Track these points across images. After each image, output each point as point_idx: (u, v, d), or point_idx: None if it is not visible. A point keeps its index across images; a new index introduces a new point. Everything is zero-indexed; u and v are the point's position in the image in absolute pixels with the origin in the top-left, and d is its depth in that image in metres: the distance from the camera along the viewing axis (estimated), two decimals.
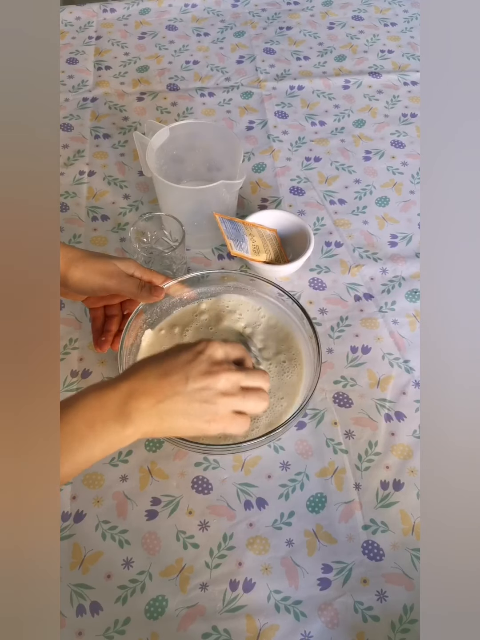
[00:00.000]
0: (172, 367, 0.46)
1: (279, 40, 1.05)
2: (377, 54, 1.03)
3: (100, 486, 0.58)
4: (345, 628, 0.52)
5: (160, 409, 0.44)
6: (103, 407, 0.43)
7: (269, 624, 0.52)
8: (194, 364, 0.46)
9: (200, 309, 0.66)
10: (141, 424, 0.44)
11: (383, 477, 0.59)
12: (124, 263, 0.59)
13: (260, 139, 0.90)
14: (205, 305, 0.67)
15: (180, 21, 1.09)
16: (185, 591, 0.53)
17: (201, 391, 0.45)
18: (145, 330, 0.64)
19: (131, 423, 0.43)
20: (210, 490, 0.58)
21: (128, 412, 0.43)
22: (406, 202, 0.82)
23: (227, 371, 0.46)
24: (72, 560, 0.54)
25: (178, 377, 0.45)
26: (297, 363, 0.62)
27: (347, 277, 0.74)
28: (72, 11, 1.08)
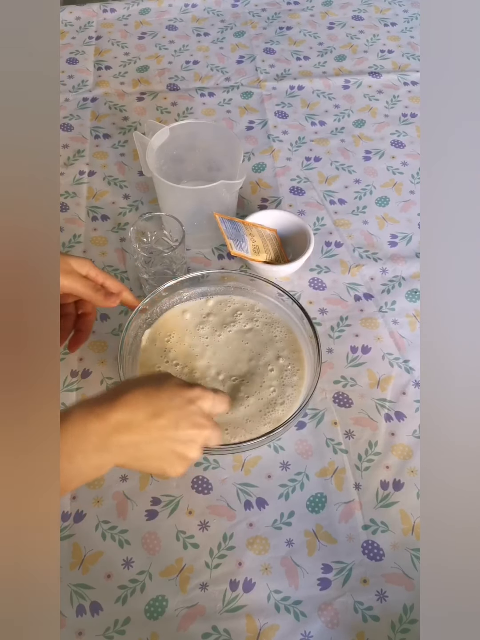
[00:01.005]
0: (163, 409, 0.45)
1: (279, 40, 1.05)
2: (377, 54, 1.03)
3: (100, 486, 0.58)
4: (345, 628, 0.52)
5: (140, 449, 0.45)
6: (86, 438, 0.42)
7: (269, 624, 0.52)
8: (185, 413, 0.46)
9: (205, 309, 0.66)
10: (118, 457, 0.44)
11: (383, 477, 0.59)
12: (78, 262, 0.58)
13: (260, 139, 0.90)
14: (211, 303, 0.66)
15: (180, 21, 1.09)
16: (185, 591, 0.53)
17: (184, 443, 0.46)
18: (145, 330, 0.64)
19: (109, 454, 0.44)
20: (210, 490, 0.58)
21: (110, 445, 0.43)
22: (406, 202, 0.82)
23: (210, 428, 0.48)
24: (72, 560, 0.54)
25: (167, 423, 0.45)
26: (297, 363, 0.62)
27: (347, 277, 0.74)
28: (72, 11, 1.08)
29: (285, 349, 0.63)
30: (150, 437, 0.45)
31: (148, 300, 0.62)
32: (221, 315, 0.66)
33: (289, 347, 0.64)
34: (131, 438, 0.44)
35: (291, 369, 0.62)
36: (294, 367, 0.62)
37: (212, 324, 0.65)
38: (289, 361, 0.62)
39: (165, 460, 0.47)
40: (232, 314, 0.66)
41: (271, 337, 0.64)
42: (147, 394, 0.46)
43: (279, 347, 0.63)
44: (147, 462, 0.46)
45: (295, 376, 0.61)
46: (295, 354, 0.63)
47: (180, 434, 0.46)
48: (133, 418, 0.44)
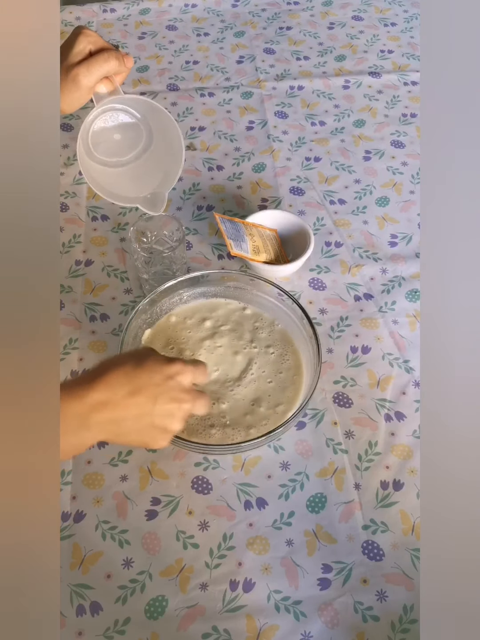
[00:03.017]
0: (142, 386, 0.46)
1: (279, 40, 1.05)
2: (377, 54, 1.03)
3: (100, 486, 0.58)
4: (345, 628, 0.51)
5: (120, 425, 0.46)
6: (66, 420, 0.43)
7: (269, 624, 0.52)
8: (163, 389, 0.47)
9: None
10: (98, 434, 0.45)
11: (383, 477, 0.59)
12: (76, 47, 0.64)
13: (260, 139, 0.90)
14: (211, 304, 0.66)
15: (180, 21, 1.09)
16: (185, 591, 0.53)
17: (163, 417, 0.47)
18: (145, 330, 0.64)
19: (89, 432, 0.45)
20: (210, 490, 0.58)
21: (89, 423, 0.44)
22: (406, 202, 0.82)
23: (191, 401, 0.49)
24: (72, 560, 0.54)
25: (146, 399, 0.46)
26: (297, 363, 0.62)
27: (347, 277, 0.74)
28: (72, 11, 1.08)
29: (285, 349, 0.63)
30: (128, 414, 0.46)
31: (148, 300, 0.62)
32: (222, 316, 0.66)
33: (288, 347, 0.63)
34: (110, 415, 0.45)
35: (291, 369, 0.62)
36: (293, 367, 0.62)
37: (212, 324, 0.65)
38: (289, 361, 0.62)
39: (145, 435, 0.48)
40: (233, 315, 0.66)
41: (271, 338, 0.64)
42: (127, 372, 0.47)
43: (279, 348, 0.63)
44: (128, 437, 0.48)
45: (295, 376, 0.61)
46: (295, 354, 0.63)
47: (158, 408, 0.46)
48: (112, 396, 0.45)
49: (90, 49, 0.65)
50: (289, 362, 0.63)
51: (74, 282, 0.73)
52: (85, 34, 0.65)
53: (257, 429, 0.58)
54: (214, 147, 0.88)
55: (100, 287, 0.72)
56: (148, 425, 0.47)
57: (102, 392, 0.45)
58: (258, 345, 0.64)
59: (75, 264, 0.74)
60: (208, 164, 0.86)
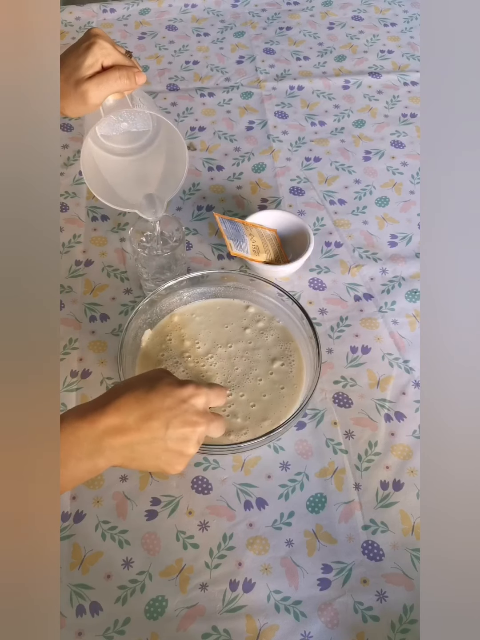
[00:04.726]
0: (155, 411, 0.46)
1: (279, 41, 1.05)
2: (377, 54, 1.03)
3: (100, 486, 0.58)
4: (345, 628, 0.51)
5: (134, 449, 0.45)
6: (79, 444, 0.43)
7: (268, 624, 0.52)
8: (176, 412, 0.46)
9: None
10: (112, 459, 0.45)
11: (383, 477, 0.59)
12: (89, 61, 0.59)
13: (260, 139, 0.90)
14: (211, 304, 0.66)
15: (180, 21, 1.09)
16: (185, 591, 0.53)
17: (177, 441, 0.47)
18: (145, 330, 0.64)
19: (103, 457, 0.44)
20: (210, 491, 0.58)
21: (102, 448, 0.44)
22: (406, 202, 0.82)
23: (206, 424, 0.48)
24: (72, 560, 0.54)
25: (159, 424, 0.46)
26: (297, 363, 0.62)
27: (347, 277, 0.74)
28: (72, 11, 1.08)
29: (284, 349, 0.63)
30: (142, 438, 0.45)
31: (148, 300, 0.62)
32: (222, 316, 0.66)
33: (288, 347, 0.64)
34: (123, 440, 0.44)
35: (291, 370, 0.62)
36: (293, 367, 0.62)
37: (212, 325, 0.65)
38: (289, 361, 0.62)
39: (160, 459, 0.47)
40: (233, 316, 0.66)
41: (271, 338, 0.64)
42: (138, 397, 0.46)
43: (279, 348, 0.63)
44: (143, 462, 0.47)
45: (295, 376, 0.61)
46: (295, 354, 0.63)
47: (171, 432, 0.46)
48: (124, 421, 0.45)
49: (103, 62, 0.63)
50: (289, 362, 0.63)
51: (74, 282, 0.73)
52: (100, 45, 0.60)
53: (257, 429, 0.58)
54: (213, 147, 0.88)
55: (100, 287, 0.72)
56: (162, 450, 0.46)
57: (114, 417, 0.44)
58: (258, 345, 0.64)
59: (75, 264, 0.74)
60: (208, 164, 0.86)
